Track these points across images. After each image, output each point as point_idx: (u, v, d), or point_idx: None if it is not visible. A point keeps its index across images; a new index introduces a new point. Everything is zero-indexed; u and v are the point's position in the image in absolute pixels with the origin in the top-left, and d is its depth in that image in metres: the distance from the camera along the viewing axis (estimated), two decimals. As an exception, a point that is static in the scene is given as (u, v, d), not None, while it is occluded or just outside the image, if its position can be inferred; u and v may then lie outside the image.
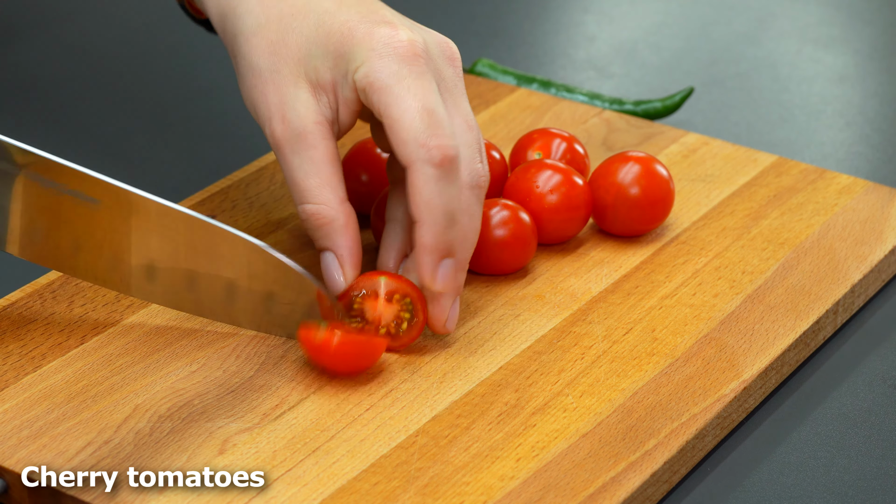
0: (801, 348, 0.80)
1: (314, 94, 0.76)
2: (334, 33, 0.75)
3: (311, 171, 0.76)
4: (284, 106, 0.76)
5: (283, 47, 0.76)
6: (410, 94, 0.74)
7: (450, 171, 0.74)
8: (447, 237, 0.75)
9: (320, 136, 0.76)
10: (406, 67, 0.74)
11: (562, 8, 1.22)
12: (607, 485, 0.70)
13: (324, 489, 0.69)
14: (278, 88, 0.76)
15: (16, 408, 0.73)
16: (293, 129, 0.76)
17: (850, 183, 0.92)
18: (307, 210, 0.76)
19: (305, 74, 0.76)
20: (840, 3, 1.24)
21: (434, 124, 0.74)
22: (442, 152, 0.73)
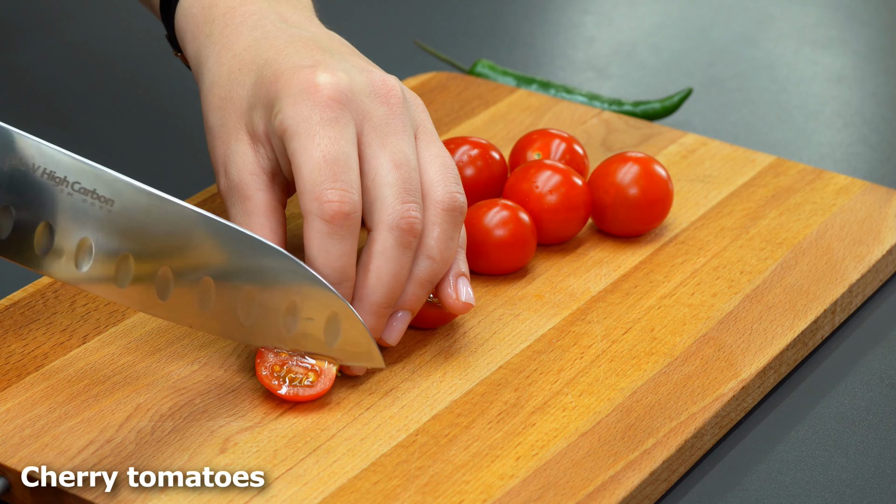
0: (799, 348, 0.81)
1: (252, 145, 0.75)
2: (266, 82, 0.75)
3: (243, 222, 0.75)
4: (227, 159, 0.76)
5: (229, 102, 0.76)
6: (314, 143, 0.72)
7: (343, 227, 0.72)
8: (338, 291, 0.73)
9: (254, 188, 0.75)
10: (318, 112, 0.73)
11: (561, 9, 1.23)
12: (606, 483, 0.70)
13: (324, 488, 0.69)
14: (224, 142, 0.76)
15: (18, 407, 0.73)
16: (231, 182, 0.75)
17: (848, 183, 0.92)
18: None
19: (245, 126, 0.76)
20: (838, 4, 1.24)
21: (332, 177, 0.72)
22: (335, 208, 0.71)
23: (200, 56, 0.79)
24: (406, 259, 0.73)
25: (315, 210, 0.72)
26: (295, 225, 0.87)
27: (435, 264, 0.74)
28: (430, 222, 0.74)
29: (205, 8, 0.80)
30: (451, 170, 0.75)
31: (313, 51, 0.76)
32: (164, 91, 1.09)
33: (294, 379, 0.73)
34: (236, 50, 0.77)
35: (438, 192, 0.74)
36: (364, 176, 0.74)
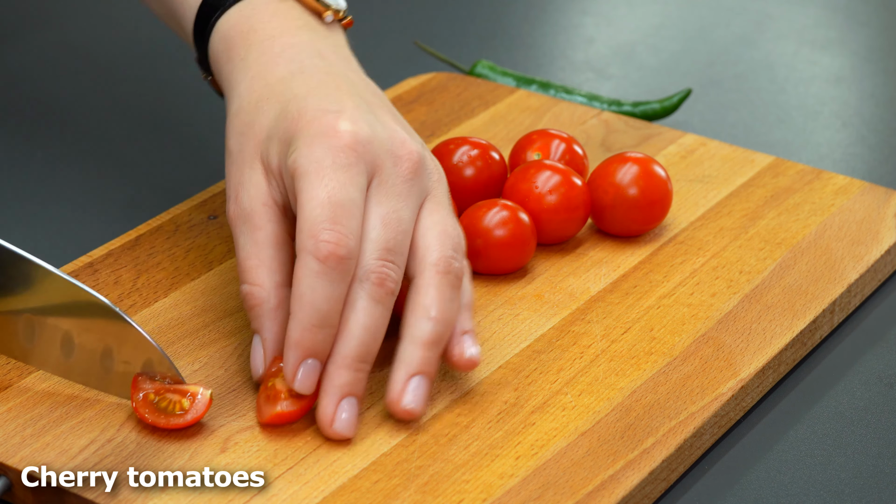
0: (797, 347, 0.81)
1: (266, 176, 0.75)
2: (289, 118, 0.74)
3: (252, 251, 0.74)
4: (240, 186, 0.75)
5: (251, 129, 0.76)
6: (322, 184, 0.72)
7: (335, 269, 0.71)
8: (315, 336, 0.71)
9: (266, 218, 0.74)
10: (331, 157, 0.72)
11: (561, 10, 1.23)
12: (606, 483, 0.70)
13: (324, 487, 0.69)
14: (239, 169, 0.76)
15: (19, 406, 0.73)
16: (242, 209, 0.75)
17: (847, 183, 0.92)
18: (243, 290, 0.74)
19: (261, 157, 0.75)
20: (837, 5, 1.24)
21: (334, 219, 0.71)
22: (329, 249, 0.70)
23: (232, 79, 0.79)
24: (378, 313, 0.72)
25: (310, 247, 0.71)
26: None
27: (436, 325, 0.73)
28: (426, 284, 0.73)
29: (243, 33, 0.79)
30: (452, 237, 0.74)
31: (343, 95, 0.75)
32: (166, 92, 1.09)
33: (167, 406, 0.72)
34: (269, 80, 0.77)
35: (433, 255, 0.73)
36: (363, 221, 0.73)
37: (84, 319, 0.74)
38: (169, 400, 0.72)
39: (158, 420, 0.71)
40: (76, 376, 0.75)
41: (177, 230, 0.87)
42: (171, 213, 0.88)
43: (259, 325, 0.74)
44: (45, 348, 0.75)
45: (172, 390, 0.72)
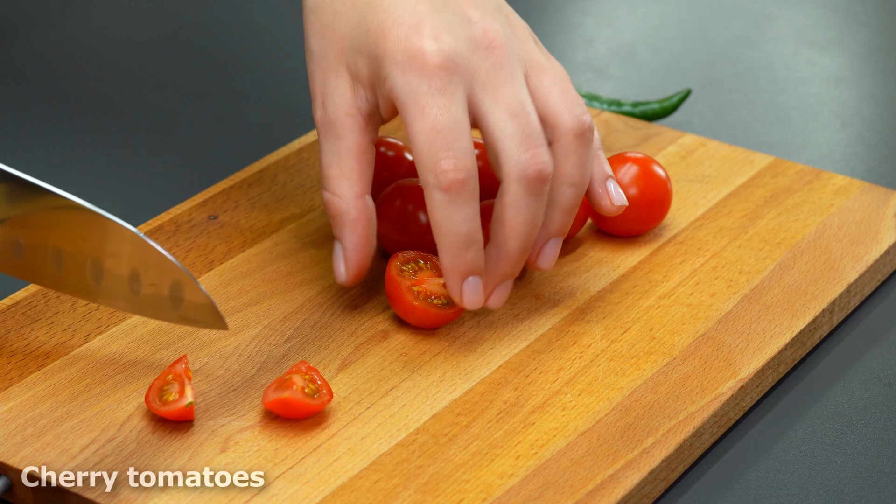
0: (797, 347, 0.81)
1: (352, 85, 0.76)
2: (371, 32, 0.75)
3: (333, 160, 0.77)
4: (325, 92, 0.77)
5: (331, 32, 0.77)
6: (423, 114, 0.73)
7: (461, 193, 0.73)
8: (464, 258, 0.75)
9: (349, 128, 0.76)
10: (426, 83, 0.74)
11: (560, 10, 1.23)
12: (606, 482, 0.70)
13: (325, 487, 0.70)
14: (323, 73, 0.77)
15: (20, 406, 0.74)
16: (328, 117, 0.77)
17: (846, 183, 0.92)
18: (324, 197, 0.77)
19: (346, 65, 0.76)
20: (836, 5, 1.24)
21: (445, 146, 0.73)
22: (448, 177, 0.73)
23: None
24: (538, 206, 0.75)
25: (432, 181, 0.73)
26: (295, 225, 0.88)
27: (577, 189, 0.76)
28: (564, 150, 0.76)
29: None
30: (571, 93, 0.77)
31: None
32: (168, 93, 1.09)
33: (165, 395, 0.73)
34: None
35: (565, 120, 0.76)
36: (484, 132, 0.75)
37: (110, 246, 0.74)
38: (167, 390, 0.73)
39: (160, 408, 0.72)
40: (107, 300, 0.76)
41: (177, 230, 0.87)
42: (171, 213, 0.88)
43: (340, 233, 0.77)
44: (75, 275, 0.76)
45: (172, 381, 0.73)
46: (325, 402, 0.73)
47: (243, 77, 1.11)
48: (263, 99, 1.08)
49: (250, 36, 1.16)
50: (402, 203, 0.83)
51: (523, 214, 0.75)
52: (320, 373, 0.75)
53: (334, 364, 0.77)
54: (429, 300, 0.78)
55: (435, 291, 0.78)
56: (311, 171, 0.93)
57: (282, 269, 0.84)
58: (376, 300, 0.82)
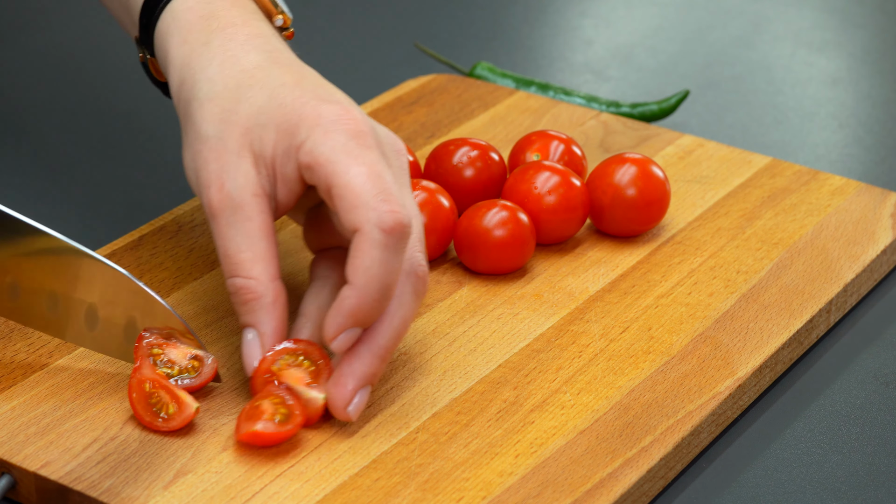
0: (794, 347, 0.81)
1: (255, 165, 0.73)
2: (285, 106, 0.73)
3: (243, 244, 0.72)
4: (224, 175, 0.73)
5: (234, 115, 0.74)
6: (359, 162, 0.71)
7: (398, 241, 0.70)
8: (371, 308, 0.71)
9: (257, 209, 0.73)
10: (353, 141, 0.71)
11: (560, 12, 1.23)
12: (604, 481, 0.70)
13: (325, 485, 0.70)
14: (220, 156, 0.74)
15: (24, 405, 0.74)
16: (230, 200, 0.73)
17: (843, 184, 0.93)
18: (235, 284, 0.73)
19: (250, 145, 0.73)
20: (833, 7, 1.24)
21: (386, 190, 0.70)
22: (394, 218, 0.70)
23: (194, 63, 0.77)
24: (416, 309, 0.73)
25: (373, 219, 0.70)
26: (294, 226, 0.88)
27: None
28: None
29: (203, 17, 0.78)
30: None
31: (326, 86, 0.75)
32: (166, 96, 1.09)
33: (160, 407, 0.73)
34: (244, 66, 0.75)
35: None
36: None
37: (108, 293, 0.74)
38: (160, 401, 0.73)
39: (153, 422, 0.72)
40: (100, 347, 0.76)
41: (179, 230, 0.87)
42: (173, 214, 0.88)
43: (255, 318, 0.73)
44: (71, 321, 0.75)
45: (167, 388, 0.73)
46: (297, 424, 0.71)
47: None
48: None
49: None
50: None
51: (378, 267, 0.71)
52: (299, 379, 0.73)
53: (335, 363, 0.77)
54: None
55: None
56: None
57: (283, 269, 0.84)
58: (377, 300, 0.82)
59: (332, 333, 0.71)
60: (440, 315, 0.81)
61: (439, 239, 0.84)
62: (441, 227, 0.84)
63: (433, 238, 0.84)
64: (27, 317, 0.76)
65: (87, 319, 0.75)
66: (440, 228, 0.84)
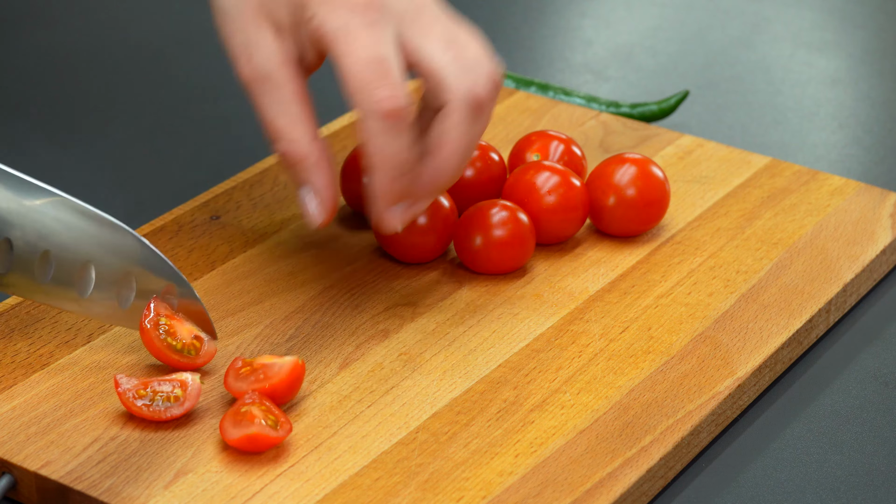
0: (794, 346, 0.81)
1: (277, 35, 0.76)
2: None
3: (279, 110, 0.76)
4: (249, 47, 0.76)
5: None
6: (358, 45, 0.73)
7: (398, 122, 0.73)
8: (398, 185, 0.75)
9: (287, 77, 0.76)
10: (357, 17, 0.74)
11: (559, 13, 1.23)
12: (604, 480, 0.71)
13: (326, 484, 0.70)
14: (242, 29, 0.76)
15: (24, 405, 0.74)
16: (260, 70, 0.76)
17: (843, 184, 0.93)
18: (280, 148, 0.76)
19: (267, 16, 0.76)
20: (833, 7, 1.24)
21: (381, 75, 0.73)
22: (388, 104, 0.73)
23: None
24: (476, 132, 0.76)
25: (368, 107, 0.73)
26: (297, 225, 0.88)
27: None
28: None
29: None
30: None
31: None
32: (169, 94, 1.09)
33: (162, 398, 0.73)
34: None
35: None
36: (420, 65, 0.75)
37: (105, 248, 0.75)
38: (159, 392, 0.73)
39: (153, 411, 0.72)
40: (95, 313, 0.76)
41: (179, 230, 0.87)
42: (173, 214, 0.89)
43: (307, 177, 0.76)
44: (63, 286, 0.76)
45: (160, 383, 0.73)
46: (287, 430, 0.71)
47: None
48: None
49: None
50: None
51: (467, 136, 0.75)
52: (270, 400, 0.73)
53: (335, 363, 0.77)
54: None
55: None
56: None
57: (283, 268, 0.84)
58: (377, 300, 0.82)
59: (378, 217, 0.76)
60: (440, 315, 0.81)
61: (439, 239, 0.84)
62: (441, 227, 0.84)
63: (433, 238, 0.84)
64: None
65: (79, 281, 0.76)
66: (440, 228, 0.84)
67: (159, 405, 0.72)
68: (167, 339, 0.75)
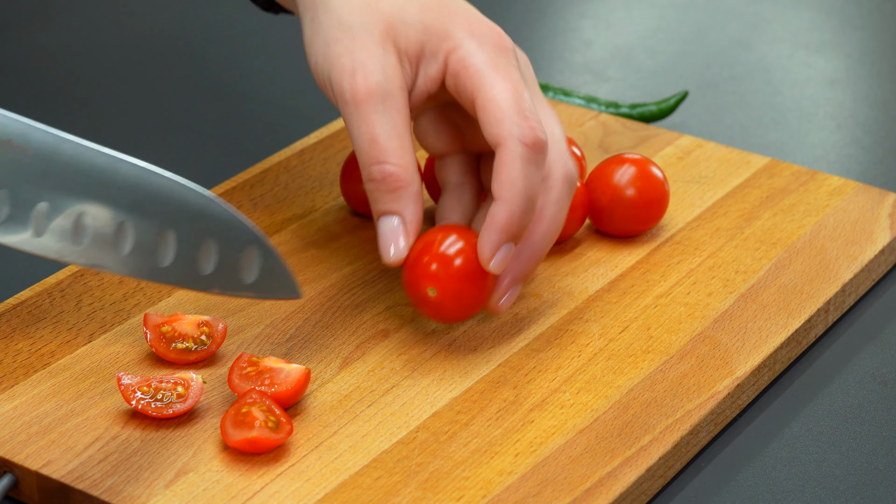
0: (793, 346, 0.81)
1: (400, 60, 0.76)
2: (432, 9, 0.76)
3: (393, 132, 0.75)
4: (370, 63, 0.75)
5: (377, 8, 0.76)
6: (505, 78, 0.75)
7: (538, 155, 0.74)
8: (521, 220, 0.74)
9: (404, 102, 0.76)
10: (501, 57, 0.76)
11: (559, 13, 1.23)
12: (603, 479, 0.71)
13: (326, 484, 0.70)
14: (365, 46, 0.76)
15: (25, 404, 0.74)
16: (381, 87, 0.75)
17: (841, 184, 0.93)
18: (385, 170, 0.75)
19: (394, 40, 0.76)
20: (831, 8, 1.24)
21: (527, 108, 0.75)
22: (534, 133, 0.74)
23: None
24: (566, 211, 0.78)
25: (517, 133, 0.74)
26: (297, 226, 0.88)
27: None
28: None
29: None
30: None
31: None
32: (170, 93, 1.09)
33: (165, 395, 0.73)
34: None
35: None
36: None
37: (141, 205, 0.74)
38: (163, 390, 0.73)
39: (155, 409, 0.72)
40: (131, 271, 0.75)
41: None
42: (173, 214, 0.89)
43: (401, 206, 0.75)
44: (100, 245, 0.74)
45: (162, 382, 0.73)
46: (288, 432, 0.71)
47: (245, 78, 1.11)
48: (265, 100, 1.08)
49: (252, 36, 1.17)
50: None
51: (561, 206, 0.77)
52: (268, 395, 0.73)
53: (336, 362, 0.78)
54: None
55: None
56: (312, 171, 0.93)
57: (283, 268, 0.85)
58: (377, 299, 0.82)
59: (489, 251, 0.75)
60: (440, 315, 0.81)
61: None
62: None
63: None
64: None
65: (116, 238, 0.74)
66: None
67: (161, 402, 0.72)
68: (178, 344, 0.75)
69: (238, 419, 0.71)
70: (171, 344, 0.76)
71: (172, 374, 0.74)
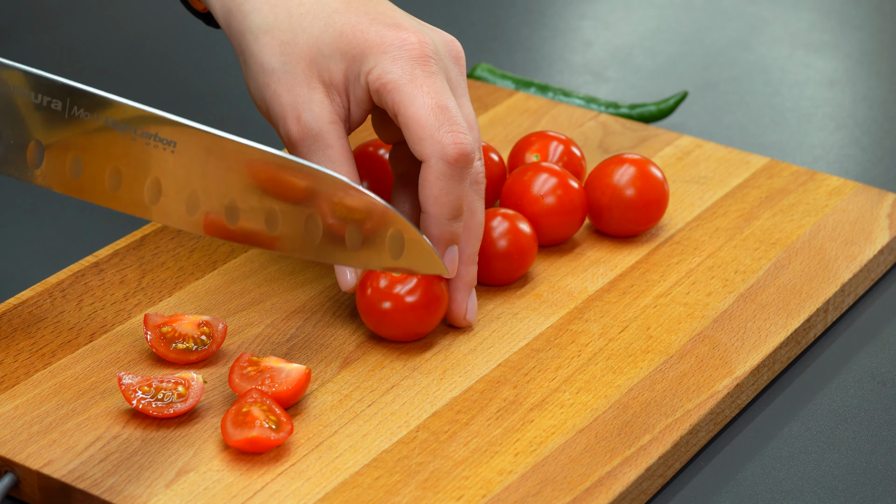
0: (792, 346, 0.81)
1: (327, 94, 0.77)
2: (345, 35, 0.77)
3: (331, 167, 0.77)
4: (299, 106, 0.77)
5: (294, 47, 0.77)
6: (424, 93, 0.75)
7: (462, 168, 0.75)
8: (451, 229, 0.77)
9: (335, 136, 0.77)
10: (418, 68, 0.76)
11: (559, 14, 1.23)
12: (603, 479, 0.71)
13: (326, 483, 0.70)
14: (291, 89, 0.77)
15: (27, 404, 0.74)
16: (309, 129, 0.77)
17: (841, 184, 0.93)
18: None
19: (318, 75, 0.77)
20: (830, 9, 1.24)
21: (449, 120, 0.75)
22: (458, 150, 0.75)
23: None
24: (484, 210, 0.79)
25: (438, 153, 0.75)
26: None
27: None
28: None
29: None
30: None
31: (380, 6, 0.78)
32: (170, 94, 1.09)
33: (165, 394, 0.73)
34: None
35: None
36: None
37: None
38: (164, 389, 0.73)
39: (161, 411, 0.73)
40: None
41: (181, 231, 0.87)
42: (174, 214, 0.89)
43: None
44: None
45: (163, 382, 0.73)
46: (288, 431, 0.72)
47: (244, 79, 1.11)
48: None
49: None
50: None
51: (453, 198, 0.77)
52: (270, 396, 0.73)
53: (336, 362, 0.78)
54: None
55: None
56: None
57: (284, 268, 0.85)
58: (377, 300, 0.82)
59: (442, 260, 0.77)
60: (440, 315, 0.81)
61: None
62: None
63: None
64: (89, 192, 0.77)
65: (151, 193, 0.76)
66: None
67: (162, 402, 0.72)
68: (178, 345, 0.75)
69: (238, 419, 0.71)
70: (171, 344, 0.76)
71: (173, 373, 0.74)
